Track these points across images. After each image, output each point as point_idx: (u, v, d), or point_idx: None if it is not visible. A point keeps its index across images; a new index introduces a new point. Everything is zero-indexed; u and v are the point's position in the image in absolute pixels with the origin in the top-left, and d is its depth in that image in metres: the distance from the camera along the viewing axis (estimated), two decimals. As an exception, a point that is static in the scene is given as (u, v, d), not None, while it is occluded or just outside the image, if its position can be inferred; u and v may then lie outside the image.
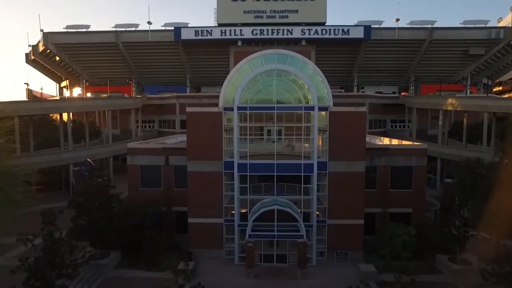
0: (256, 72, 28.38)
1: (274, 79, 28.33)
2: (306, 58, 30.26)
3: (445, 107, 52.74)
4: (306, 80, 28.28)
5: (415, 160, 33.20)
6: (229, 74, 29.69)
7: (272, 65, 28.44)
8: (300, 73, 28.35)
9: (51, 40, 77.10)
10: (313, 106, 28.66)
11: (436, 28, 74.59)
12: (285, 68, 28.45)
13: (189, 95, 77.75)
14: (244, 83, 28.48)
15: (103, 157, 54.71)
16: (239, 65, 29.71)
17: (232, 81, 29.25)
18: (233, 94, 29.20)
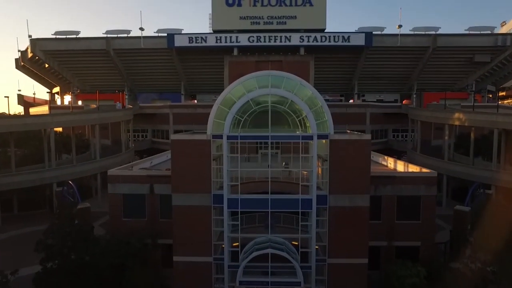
0: (249, 97, 25.40)
1: (269, 105, 25.31)
2: (303, 80, 27.23)
3: (451, 122, 49.84)
4: (304, 107, 25.31)
5: (423, 189, 30.23)
6: (219, 97, 26.68)
7: (266, 89, 25.46)
8: (297, 98, 25.38)
9: (39, 46, 74.09)
10: (312, 135, 25.67)
11: (440, 34, 71.69)
12: (280, 92, 25.50)
13: (182, 104, 74.81)
14: (235, 109, 25.50)
15: (90, 174, 51.75)
16: (230, 87, 26.74)
17: (222, 105, 26.23)
18: (222, 120, 26.16)
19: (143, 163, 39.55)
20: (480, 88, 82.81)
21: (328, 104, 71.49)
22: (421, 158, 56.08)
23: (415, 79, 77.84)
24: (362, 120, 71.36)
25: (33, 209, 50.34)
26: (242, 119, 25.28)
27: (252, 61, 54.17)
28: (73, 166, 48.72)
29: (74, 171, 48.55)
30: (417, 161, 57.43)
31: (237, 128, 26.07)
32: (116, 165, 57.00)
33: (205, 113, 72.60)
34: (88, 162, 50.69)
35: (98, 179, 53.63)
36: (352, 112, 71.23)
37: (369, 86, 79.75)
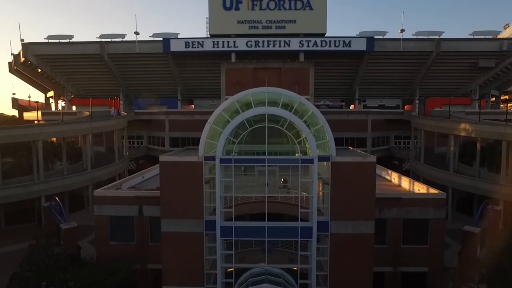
0: (244, 117, 23.37)
1: (265, 125, 23.27)
2: (302, 97, 25.25)
3: (457, 133, 47.80)
4: (303, 128, 23.30)
5: (431, 212, 28.26)
6: (211, 116, 24.67)
7: (262, 108, 23.43)
8: (296, 118, 23.38)
9: (31, 51, 71.97)
10: (312, 159, 23.62)
11: (443, 39, 69.63)
12: (278, 112, 23.49)
13: (179, 111, 72.76)
14: (229, 130, 23.47)
15: (81, 186, 49.67)
16: (223, 105, 24.74)
17: (215, 124, 24.20)
18: (215, 141, 24.12)
19: (133, 179, 37.52)
20: (483, 92, 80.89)
21: (328, 111, 70.08)
22: (425, 168, 54.09)
23: (418, 84, 75.83)
24: (364, 127, 69.40)
25: (21, 222, 48.28)
26: (237, 141, 23.20)
27: (250, 68, 52.15)
28: (62, 178, 46.64)
29: (64, 183, 46.47)
30: (421, 171, 55.59)
31: (232, 145, 24.02)
32: (109, 175, 55.45)
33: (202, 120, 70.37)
34: (79, 174, 48.57)
35: (90, 189, 51.54)
36: (353, 119, 69.29)
37: (370, 91, 77.70)
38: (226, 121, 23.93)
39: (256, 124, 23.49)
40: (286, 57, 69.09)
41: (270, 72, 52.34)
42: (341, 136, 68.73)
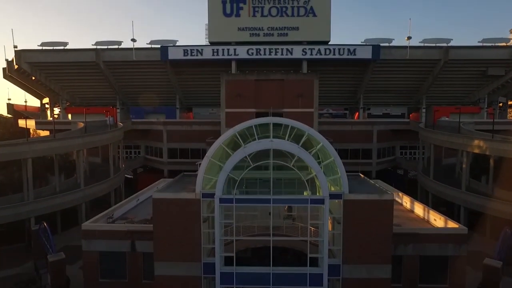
0: (246, 153, 20.90)
1: (270, 162, 20.79)
2: (311, 128, 22.78)
3: (470, 149, 45.31)
4: (313, 164, 20.87)
5: (452, 249, 25.80)
6: (210, 149, 22.17)
7: (266, 142, 20.98)
8: (305, 154, 20.91)
9: (24, 58, 69.41)
10: (323, 199, 21.14)
11: (452, 47, 67.09)
12: (284, 147, 21.04)
13: (177, 121, 70.22)
14: (229, 167, 21.01)
15: (74, 204, 47.13)
16: (223, 137, 22.27)
17: (214, 158, 21.70)
18: (214, 176, 21.64)
19: (127, 204, 35.06)
20: (491, 100, 78.40)
21: (332, 122, 67.56)
22: (434, 185, 51.63)
23: (424, 92, 73.26)
24: (369, 138, 66.92)
25: (10, 243, 45.71)
26: (238, 179, 20.72)
27: (251, 79, 49.65)
28: (53, 197, 44.12)
29: (55, 203, 43.99)
30: (430, 187, 53.14)
31: (234, 173, 21.54)
32: (103, 191, 52.91)
33: (201, 131, 68.25)
34: (71, 192, 46.03)
35: (83, 207, 49.15)
36: (358, 130, 66.82)
37: (375, 99, 75.17)
38: (227, 155, 21.43)
39: (260, 159, 21.01)
40: (289, 65, 66.68)
41: (272, 84, 49.88)
42: (346, 147, 66.45)
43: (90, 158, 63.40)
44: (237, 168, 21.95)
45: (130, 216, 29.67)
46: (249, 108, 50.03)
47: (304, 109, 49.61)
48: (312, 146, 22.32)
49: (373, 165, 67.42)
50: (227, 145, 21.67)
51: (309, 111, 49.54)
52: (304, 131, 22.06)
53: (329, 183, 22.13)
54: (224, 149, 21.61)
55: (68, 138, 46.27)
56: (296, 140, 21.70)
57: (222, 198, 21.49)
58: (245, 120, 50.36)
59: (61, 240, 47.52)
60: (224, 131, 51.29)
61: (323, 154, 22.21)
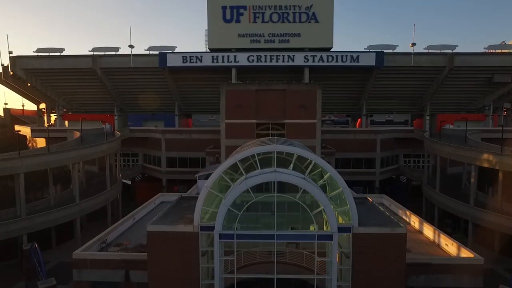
0: (248, 186, 19.34)
1: (274, 195, 19.22)
2: (318, 157, 21.13)
3: (479, 163, 43.70)
4: (321, 198, 19.30)
5: (467, 280, 24.27)
6: (209, 179, 20.60)
7: (270, 174, 19.42)
8: (312, 186, 19.35)
9: (19, 65, 67.83)
10: (331, 234, 19.59)
11: (457, 53, 65.54)
12: (289, 179, 19.49)
13: (176, 129, 68.73)
14: (230, 200, 19.45)
15: (68, 219, 45.50)
16: (223, 166, 20.67)
17: (213, 188, 20.13)
18: (214, 208, 20.07)
19: (122, 224, 33.46)
20: (495, 106, 76.91)
21: (335, 130, 66.11)
22: (441, 198, 50.10)
23: (428, 99, 71.69)
24: (372, 147, 65.46)
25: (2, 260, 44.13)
26: (239, 213, 19.15)
27: (252, 89, 48.08)
28: (46, 213, 42.50)
29: (48, 219, 42.43)
30: (436, 200, 51.62)
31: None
32: (99, 204, 51.27)
33: (200, 139, 66.65)
34: (65, 207, 44.37)
35: (78, 221, 47.56)
36: (361, 139, 65.36)
37: (378, 106, 73.59)
38: (227, 187, 19.85)
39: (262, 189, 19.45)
40: (290, 72, 65.21)
41: (274, 94, 48.32)
42: (349, 156, 65.05)
43: (87, 166, 61.79)
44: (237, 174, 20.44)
45: (125, 242, 28.12)
46: (250, 119, 48.53)
47: (306, 120, 48.09)
48: (317, 168, 20.80)
49: (376, 175, 65.95)
50: (228, 175, 20.10)
51: (311, 122, 47.99)
52: (310, 159, 20.48)
53: (337, 213, 20.59)
54: (224, 179, 20.04)
55: (62, 151, 44.63)
56: (302, 171, 20.11)
57: (222, 233, 19.93)
58: (246, 131, 49.41)
59: (55, 256, 46.04)
60: (224, 142, 49.86)
61: (330, 183, 20.65)
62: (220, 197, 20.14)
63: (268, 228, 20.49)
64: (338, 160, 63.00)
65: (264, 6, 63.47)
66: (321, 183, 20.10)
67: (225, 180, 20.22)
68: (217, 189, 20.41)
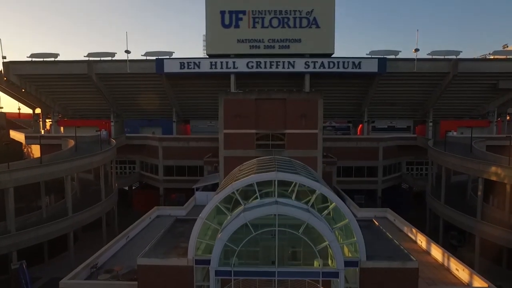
0: (246, 219, 17.78)
1: (275, 229, 17.67)
2: (323, 186, 19.54)
3: (486, 176, 42.17)
4: (326, 233, 17.72)
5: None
6: (204, 210, 18.99)
7: (271, 207, 17.82)
8: (316, 220, 17.72)
9: (13, 70, 66.20)
10: (337, 272, 18.02)
11: (461, 59, 64.04)
12: (292, 213, 18.00)
13: (173, 137, 67.16)
14: (227, 235, 17.91)
15: (61, 234, 43.88)
16: (219, 196, 19.10)
17: (208, 219, 18.58)
18: (209, 241, 18.50)
19: (116, 243, 31.85)
20: (499, 112, 75.46)
21: (336, 138, 64.63)
22: (446, 210, 48.59)
23: (431, 105, 70.16)
24: (374, 155, 63.98)
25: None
26: (237, 249, 17.59)
27: (251, 99, 46.45)
28: (37, 228, 40.87)
29: (38, 234, 40.78)
30: (441, 213, 50.10)
31: None
32: (94, 217, 49.65)
33: (199, 147, 65.00)
34: (57, 222, 42.73)
35: (71, 235, 45.94)
36: (363, 147, 63.82)
37: (380, 112, 72.09)
38: (223, 219, 18.28)
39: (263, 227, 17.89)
40: (291, 79, 63.72)
41: (274, 104, 46.68)
42: (350, 165, 63.60)
43: (82, 174, 60.15)
44: (234, 204, 18.85)
45: (116, 268, 26.49)
46: (249, 129, 46.91)
47: (307, 130, 46.46)
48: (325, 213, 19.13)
49: (378, 183, 64.48)
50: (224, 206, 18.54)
51: (313, 132, 46.36)
52: (314, 188, 18.92)
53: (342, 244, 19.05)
54: (221, 210, 18.50)
55: (55, 163, 42.97)
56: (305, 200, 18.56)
57: (219, 270, 18.40)
58: (245, 142, 47.79)
59: (47, 271, 44.48)
60: (222, 153, 48.23)
61: (336, 213, 19.12)
62: (216, 229, 18.59)
63: (268, 252, 19.03)
64: (339, 169, 61.60)
65: (263, 11, 61.94)
66: (326, 213, 18.53)
67: (222, 210, 18.66)
68: (212, 218, 18.87)
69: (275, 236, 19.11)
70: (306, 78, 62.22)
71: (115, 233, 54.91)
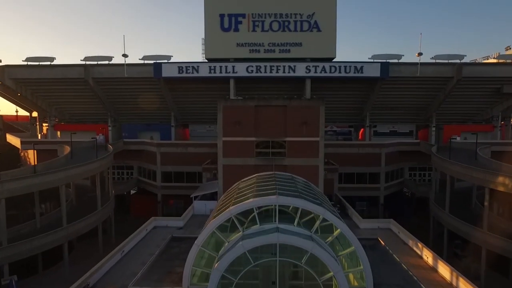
0: (245, 249, 16.55)
1: (276, 259, 16.42)
2: (327, 211, 18.24)
3: (493, 186, 40.88)
4: (331, 263, 16.49)
5: None
6: (199, 236, 17.75)
7: (272, 236, 16.56)
8: (320, 250, 16.46)
9: (8, 75, 64.85)
10: (343, 305, 16.77)
11: (465, 63, 62.83)
12: (294, 242, 16.71)
13: (171, 143, 65.96)
14: (224, 265, 16.69)
15: (54, 245, 42.65)
16: (216, 221, 17.87)
17: (204, 247, 17.33)
18: (205, 268, 17.25)
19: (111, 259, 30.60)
20: (503, 116, 74.21)
21: (338, 144, 63.34)
22: (451, 220, 47.28)
23: (434, 109, 68.91)
24: (377, 161, 62.78)
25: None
26: (235, 280, 16.34)
27: (251, 106, 45.31)
28: (30, 240, 39.63)
29: (32, 246, 39.60)
30: (446, 222, 48.79)
31: None
32: (90, 226, 48.38)
33: (197, 153, 63.69)
34: (51, 233, 41.47)
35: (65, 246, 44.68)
36: (365, 153, 62.68)
37: (382, 116, 70.86)
38: (220, 245, 17.04)
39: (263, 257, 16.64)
40: (291, 83, 62.48)
41: (274, 111, 45.58)
42: (352, 171, 62.49)
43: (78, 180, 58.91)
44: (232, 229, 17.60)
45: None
46: (249, 137, 45.77)
47: (308, 138, 45.35)
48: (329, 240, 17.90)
49: (381, 190, 63.31)
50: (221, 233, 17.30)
51: (314, 140, 45.24)
52: (318, 213, 17.69)
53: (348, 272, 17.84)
54: (219, 237, 17.27)
55: (49, 173, 41.71)
56: (308, 224, 17.33)
57: (215, 304, 17.21)
58: (244, 150, 46.56)
59: (42, 283, 43.30)
60: (221, 161, 47.09)
61: (341, 238, 17.89)
62: (212, 256, 17.36)
63: (268, 271, 17.76)
64: (341, 175, 60.44)
65: (264, 14, 60.68)
66: (330, 240, 17.31)
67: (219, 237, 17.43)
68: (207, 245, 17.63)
69: (276, 254, 17.93)
70: (307, 82, 60.95)
71: (111, 241, 53.76)
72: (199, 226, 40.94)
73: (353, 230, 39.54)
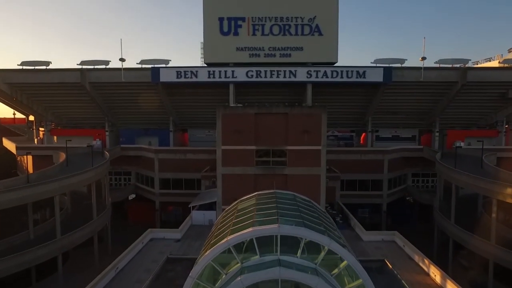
0: (244, 285, 15.09)
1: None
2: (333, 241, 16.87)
3: (501, 198, 39.56)
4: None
5: None
6: (195, 267, 16.40)
7: (273, 270, 15.23)
8: (326, 285, 15.09)
9: (3, 79, 63.55)
10: None
11: (470, 68, 61.57)
12: (297, 277, 15.32)
13: (170, 149, 64.68)
14: (221, 302, 15.24)
15: (48, 258, 41.32)
16: (213, 252, 16.53)
17: (199, 279, 16.00)
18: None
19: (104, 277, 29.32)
20: (508, 121, 72.88)
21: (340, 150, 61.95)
22: (457, 231, 45.90)
23: (438, 114, 67.56)
24: (379, 167, 61.54)
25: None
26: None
27: (251, 113, 43.95)
28: (24, 252, 38.30)
29: (24, 260, 38.28)
30: (452, 233, 47.41)
31: None
32: (85, 237, 46.99)
33: (196, 160, 62.30)
34: (43, 246, 40.05)
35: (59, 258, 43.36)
36: (367, 159, 61.38)
37: (384, 121, 69.49)
38: (218, 277, 15.72)
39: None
40: (292, 88, 61.19)
41: (274, 118, 44.23)
42: (354, 178, 61.27)
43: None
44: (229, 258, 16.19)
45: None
46: (249, 145, 44.43)
47: (310, 147, 44.00)
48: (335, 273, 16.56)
49: (383, 197, 62.03)
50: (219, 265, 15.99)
51: (316, 148, 43.90)
52: (323, 244, 16.35)
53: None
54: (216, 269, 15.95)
55: (42, 183, 40.36)
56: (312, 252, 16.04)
57: None
58: (244, 159, 45.13)
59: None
60: (220, 170, 45.73)
61: (348, 269, 16.57)
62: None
63: None
64: (342, 182, 59.02)
65: (264, 17, 59.26)
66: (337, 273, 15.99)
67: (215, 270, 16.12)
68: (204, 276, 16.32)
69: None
70: (308, 87, 59.59)
71: (108, 251, 52.47)
72: (197, 238, 39.86)
73: (357, 243, 39.07)
